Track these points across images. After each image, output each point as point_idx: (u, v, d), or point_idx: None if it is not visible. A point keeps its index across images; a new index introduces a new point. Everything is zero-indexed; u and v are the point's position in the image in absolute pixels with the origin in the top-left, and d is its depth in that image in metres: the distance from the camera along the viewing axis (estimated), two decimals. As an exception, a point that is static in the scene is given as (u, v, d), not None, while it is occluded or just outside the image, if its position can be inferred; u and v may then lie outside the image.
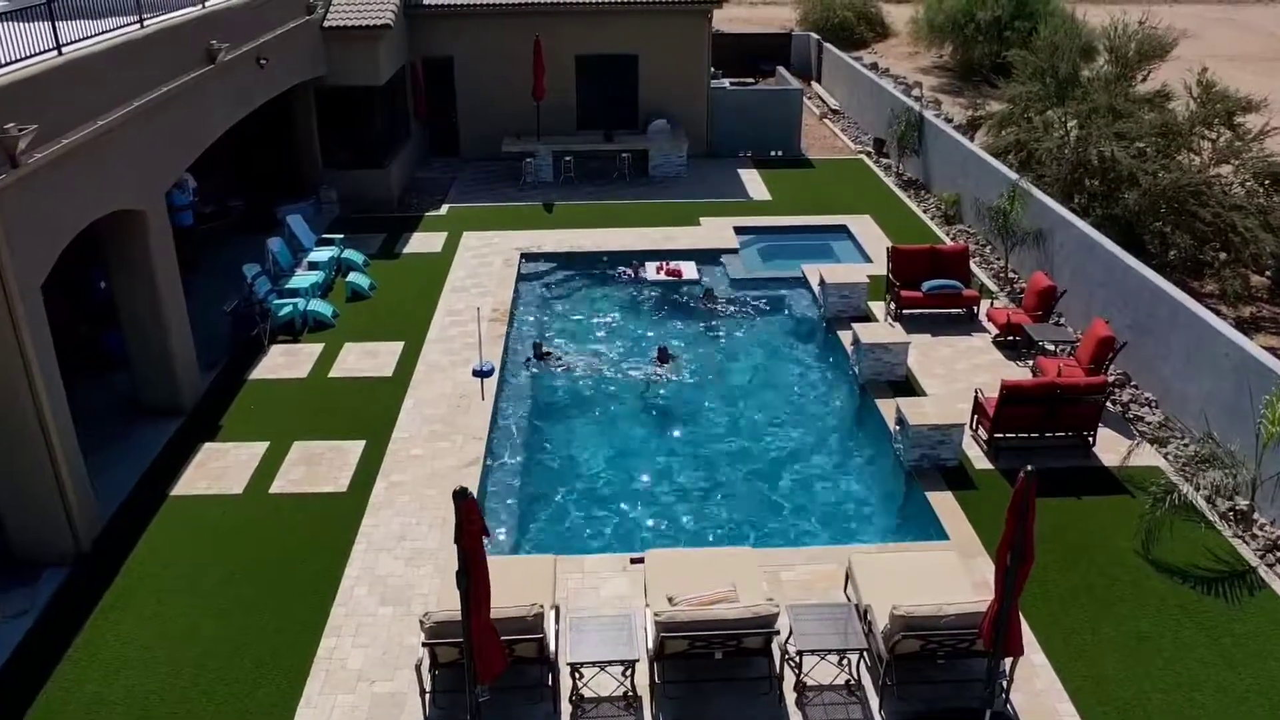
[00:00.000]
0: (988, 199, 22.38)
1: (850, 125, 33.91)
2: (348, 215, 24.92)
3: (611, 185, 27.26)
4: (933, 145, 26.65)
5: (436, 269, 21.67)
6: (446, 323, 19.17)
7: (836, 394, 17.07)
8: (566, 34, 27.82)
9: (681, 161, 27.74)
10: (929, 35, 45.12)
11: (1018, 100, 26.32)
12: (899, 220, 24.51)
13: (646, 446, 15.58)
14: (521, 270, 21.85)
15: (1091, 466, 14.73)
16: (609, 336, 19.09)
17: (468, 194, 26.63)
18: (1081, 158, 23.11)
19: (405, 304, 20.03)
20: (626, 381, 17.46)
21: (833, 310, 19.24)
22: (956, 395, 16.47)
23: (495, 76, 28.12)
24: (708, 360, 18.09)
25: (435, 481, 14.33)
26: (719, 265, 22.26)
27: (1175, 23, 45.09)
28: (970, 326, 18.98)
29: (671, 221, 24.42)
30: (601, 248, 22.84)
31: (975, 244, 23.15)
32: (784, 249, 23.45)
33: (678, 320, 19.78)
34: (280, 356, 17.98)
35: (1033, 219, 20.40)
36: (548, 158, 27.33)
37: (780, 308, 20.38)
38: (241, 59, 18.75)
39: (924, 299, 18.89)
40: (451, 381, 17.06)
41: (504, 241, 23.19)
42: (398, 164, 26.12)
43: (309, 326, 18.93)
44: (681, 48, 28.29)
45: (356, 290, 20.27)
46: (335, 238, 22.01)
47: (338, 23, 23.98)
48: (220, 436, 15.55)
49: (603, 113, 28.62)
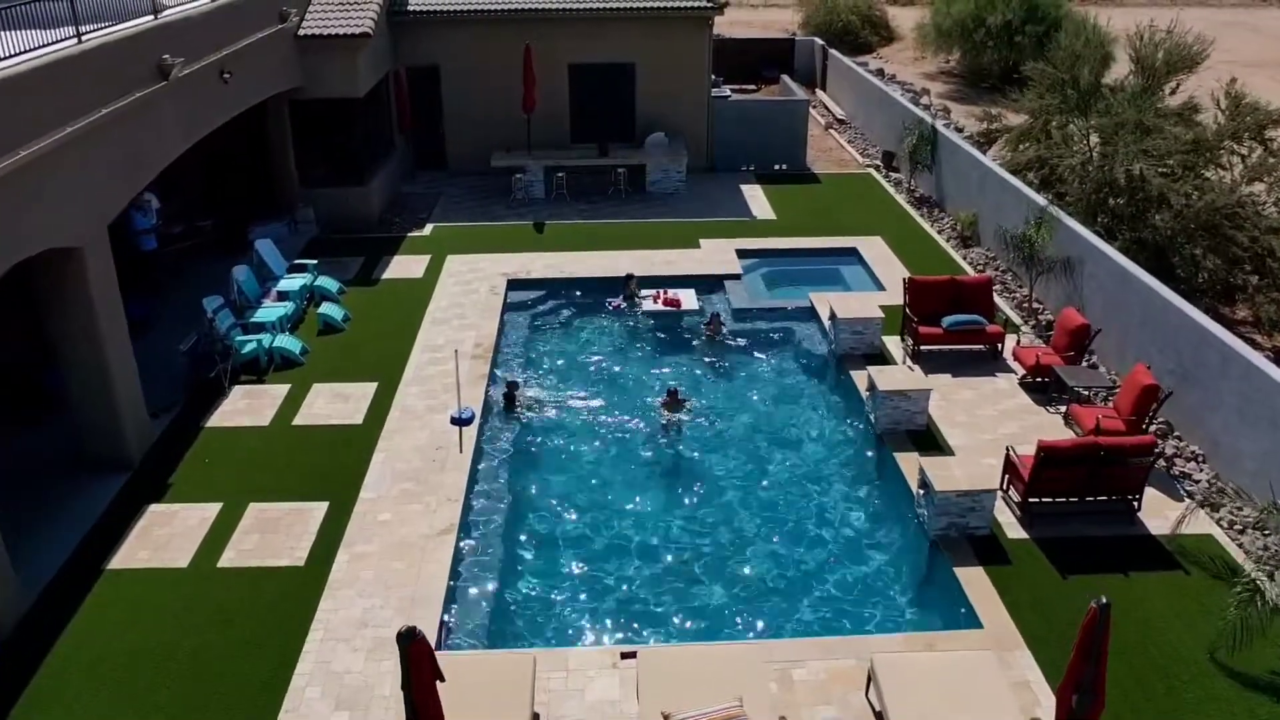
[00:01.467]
0: (1009, 222, 20.86)
1: (857, 136, 32.37)
2: (325, 236, 23.40)
3: (606, 202, 25.73)
4: (947, 160, 25.12)
5: (417, 297, 20.13)
6: (424, 360, 17.63)
7: (851, 446, 15.53)
8: (559, 42, 26.28)
9: (680, 177, 26.21)
10: (936, 40, 43.55)
11: (1037, 114, 24.78)
12: (912, 242, 22.98)
13: (644, 513, 13.99)
14: (508, 299, 20.31)
15: (1137, 535, 13.22)
16: (602, 376, 17.54)
17: (454, 212, 25.09)
18: (1107, 176, 21.57)
19: (381, 338, 18.49)
20: (626, 430, 15.90)
21: (844, 347, 17.72)
22: (983, 448, 14.96)
23: (484, 87, 26.58)
24: (711, 406, 16.52)
25: (403, 553, 12.79)
26: (720, 293, 20.72)
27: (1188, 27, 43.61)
28: (994, 366, 17.46)
29: (670, 243, 22.89)
30: (595, 273, 21.29)
31: (995, 269, 21.63)
32: (790, 274, 21.93)
33: (678, 357, 18.24)
34: (242, 400, 16.44)
35: (1060, 246, 18.87)
36: (539, 173, 25.79)
37: (787, 342, 18.84)
38: (201, 73, 17.19)
39: (944, 336, 17.36)
40: (428, 430, 15.53)
41: (490, 266, 21.64)
42: (379, 180, 24.59)
43: (275, 364, 17.40)
44: (681, 56, 26.75)
45: (329, 323, 18.73)
46: (308, 263, 20.46)
47: (314, 31, 22.44)
48: (169, 496, 14.01)
49: (597, 125, 27.06)
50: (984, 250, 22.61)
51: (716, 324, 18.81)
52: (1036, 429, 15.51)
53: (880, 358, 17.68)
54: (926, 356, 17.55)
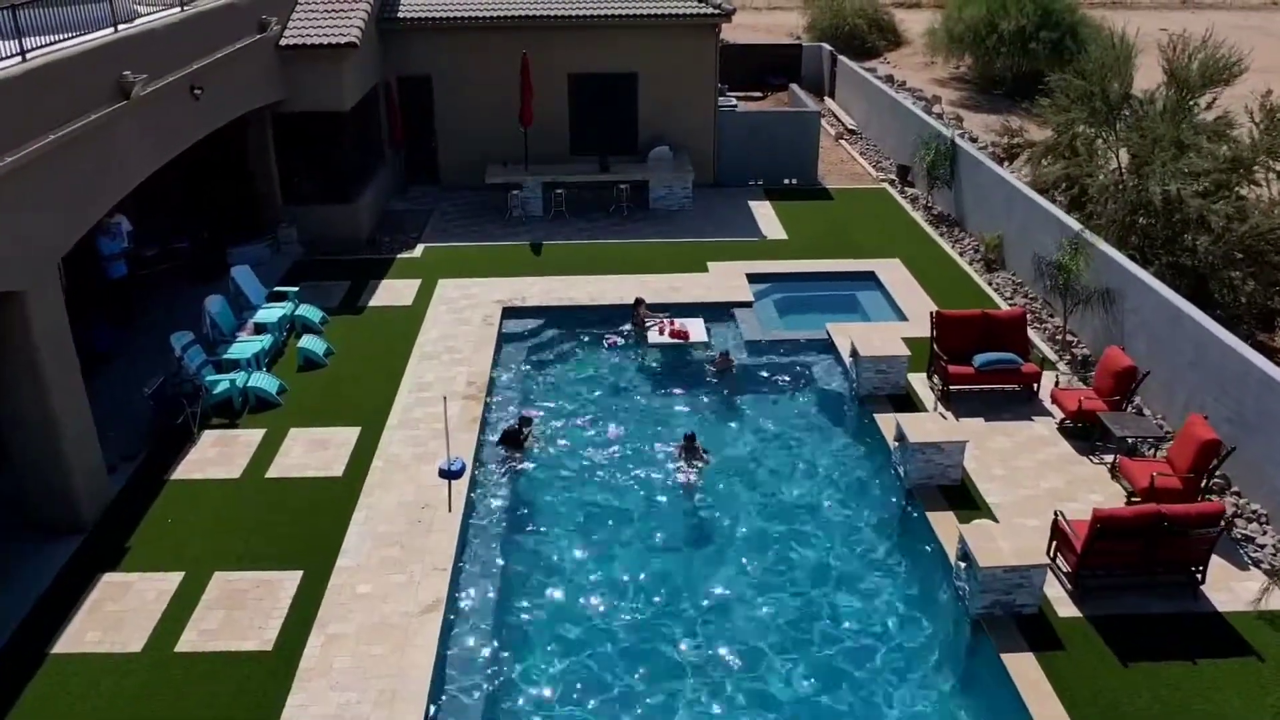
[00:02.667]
0: (1038, 246, 19.52)
1: (870, 148, 30.99)
2: (310, 257, 22.02)
3: (607, 220, 24.35)
4: (968, 177, 23.75)
5: (405, 328, 18.74)
6: (412, 401, 16.26)
7: (879, 505, 14.14)
8: (558, 50, 24.91)
9: (686, 193, 24.84)
10: (948, 46, 42.17)
11: (1063, 128, 23.40)
12: (933, 265, 21.62)
13: (659, 594, 12.55)
14: (503, 329, 18.94)
15: (1202, 612, 11.88)
16: (606, 420, 16.15)
17: (446, 230, 23.71)
18: (1142, 197, 20.20)
19: (366, 375, 17.11)
20: (636, 485, 14.52)
21: (867, 387, 16.36)
22: (1024, 505, 13.62)
23: (478, 98, 25.21)
24: (725, 457, 15.13)
25: (384, 635, 11.42)
26: (730, 322, 19.34)
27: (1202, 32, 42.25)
28: (1030, 408, 16.10)
29: (675, 266, 21.51)
30: (596, 300, 19.92)
31: (1023, 296, 20.26)
32: (804, 301, 20.57)
33: (688, 395, 16.86)
34: (211, 447, 15.06)
35: (1097, 276, 17.51)
36: (536, 189, 24.41)
37: (804, 379, 17.46)
38: (169, 90, 15.81)
39: (976, 376, 16.00)
40: (414, 484, 14.15)
41: (484, 292, 20.26)
42: (368, 198, 23.20)
43: (250, 406, 16.02)
44: (686, 65, 25.38)
45: (309, 358, 17.36)
46: (289, 291, 19.07)
47: (297, 41, 21.05)
48: (126, 563, 12.63)
49: (598, 138, 25.67)
50: (1010, 275, 21.25)
51: (726, 361, 17.43)
52: (1080, 483, 14.19)
53: (905, 398, 16.34)
54: (956, 397, 16.20)
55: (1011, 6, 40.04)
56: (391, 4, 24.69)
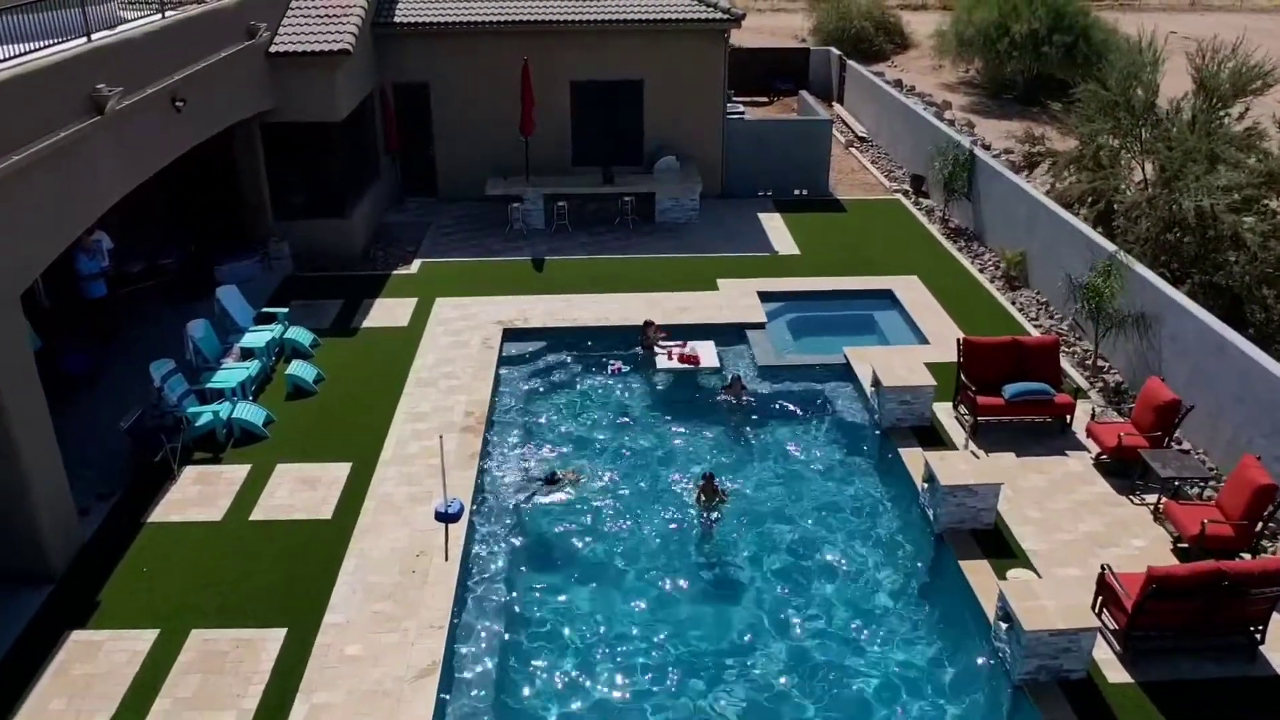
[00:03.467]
0: (1063, 264, 18.61)
1: (881, 156, 30.05)
2: (302, 273, 21.06)
3: (612, 234, 23.40)
4: (987, 190, 22.80)
5: (401, 351, 17.80)
6: (407, 434, 15.31)
7: (907, 552, 13.19)
8: (560, 56, 23.96)
9: (693, 206, 23.88)
10: (957, 49, 41.22)
11: (1088, 140, 22.47)
12: (952, 283, 20.67)
13: (673, 644, 11.67)
14: (504, 352, 17.99)
15: (1262, 676, 10.93)
16: (614, 454, 15.21)
17: (444, 244, 22.76)
18: (1174, 213, 19.27)
19: (358, 404, 16.17)
20: (647, 530, 13.57)
21: (890, 418, 15.42)
22: (1063, 553, 12.69)
23: (478, 106, 24.25)
24: (741, 497, 14.18)
25: (374, 704, 10.48)
26: (743, 345, 18.40)
27: (1217, 33, 41.31)
28: (1063, 441, 15.17)
29: (683, 283, 20.57)
30: (601, 321, 18.98)
31: (1048, 317, 19.33)
32: (819, 322, 19.65)
33: (700, 426, 15.91)
34: (193, 485, 14.11)
35: (1131, 298, 16.58)
36: (538, 201, 23.44)
37: (822, 409, 16.51)
38: (148, 102, 14.86)
39: (1006, 407, 15.06)
40: (408, 527, 13.20)
41: (484, 311, 19.31)
42: (362, 211, 22.25)
43: (235, 438, 15.07)
44: (694, 72, 24.43)
45: (299, 385, 16.40)
46: (278, 312, 18.10)
47: (287, 48, 20.10)
48: (96, 619, 11.69)
49: (602, 148, 24.73)
50: (1034, 294, 20.30)
51: (738, 388, 16.47)
52: (1121, 526, 13.26)
53: (931, 430, 15.40)
54: (984, 429, 15.26)
55: (1023, 9, 39.15)
56: (387, 8, 23.74)
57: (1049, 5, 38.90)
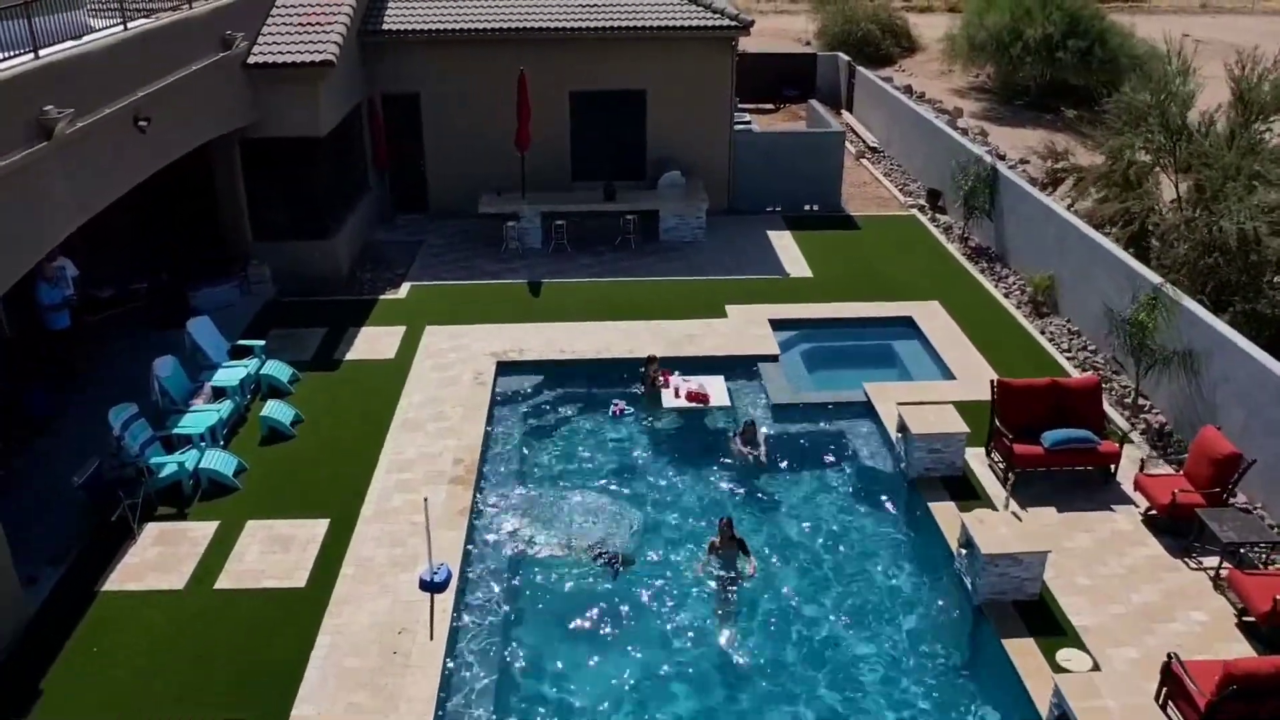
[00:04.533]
0: (1100, 290, 17.35)
1: (894, 168, 28.75)
2: (283, 297, 19.77)
3: (614, 254, 22.10)
4: (1011, 209, 21.50)
5: (386, 388, 16.51)
6: (390, 485, 14.01)
7: (943, 627, 11.89)
8: (559, 66, 22.66)
9: (699, 224, 22.59)
10: (969, 54, 39.94)
11: (1116, 155, 21.20)
12: (976, 309, 19.39)
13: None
14: (497, 388, 16.70)
15: (1355, 784, 9.64)
16: (619, 505, 13.91)
17: (435, 266, 21.46)
18: (1215, 238, 17.99)
19: (338, 450, 14.88)
20: (658, 593, 12.30)
21: (918, 468, 14.13)
22: (1117, 629, 11.42)
23: (472, 118, 22.96)
24: (757, 559, 12.89)
25: (347, 821, 9.18)
26: (755, 380, 17.11)
27: (1228, 37, 39.99)
28: (1108, 493, 13.90)
29: (690, 310, 19.28)
30: (602, 352, 17.69)
31: (1082, 349, 18.04)
32: (836, 353, 18.38)
33: (711, 474, 14.61)
34: (153, 547, 12.81)
35: (1178, 334, 15.30)
36: (535, 220, 22.14)
37: (842, 453, 15.22)
38: (108, 123, 13.55)
39: (1046, 456, 13.78)
40: (389, 597, 11.91)
41: (476, 342, 18.02)
42: (348, 231, 20.95)
43: (203, 489, 13.78)
44: (699, 82, 23.14)
45: (275, 428, 15.11)
46: (255, 345, 16.80)
47: (266, 59, 18.78)
48: (36, 712, 10.39)
49: (603, 162, 23.45)
50: (1064, 322, 19.02)
51: (751, 433, 15.07)
52: (1180, 596, 11.99)
53: (963, 480, 14.13)
54: (1021, 479, 13.98)
55: (1037, 13, 37.92)
56: (375, 15, 22.44)
57: (1064, 9, 37.67)
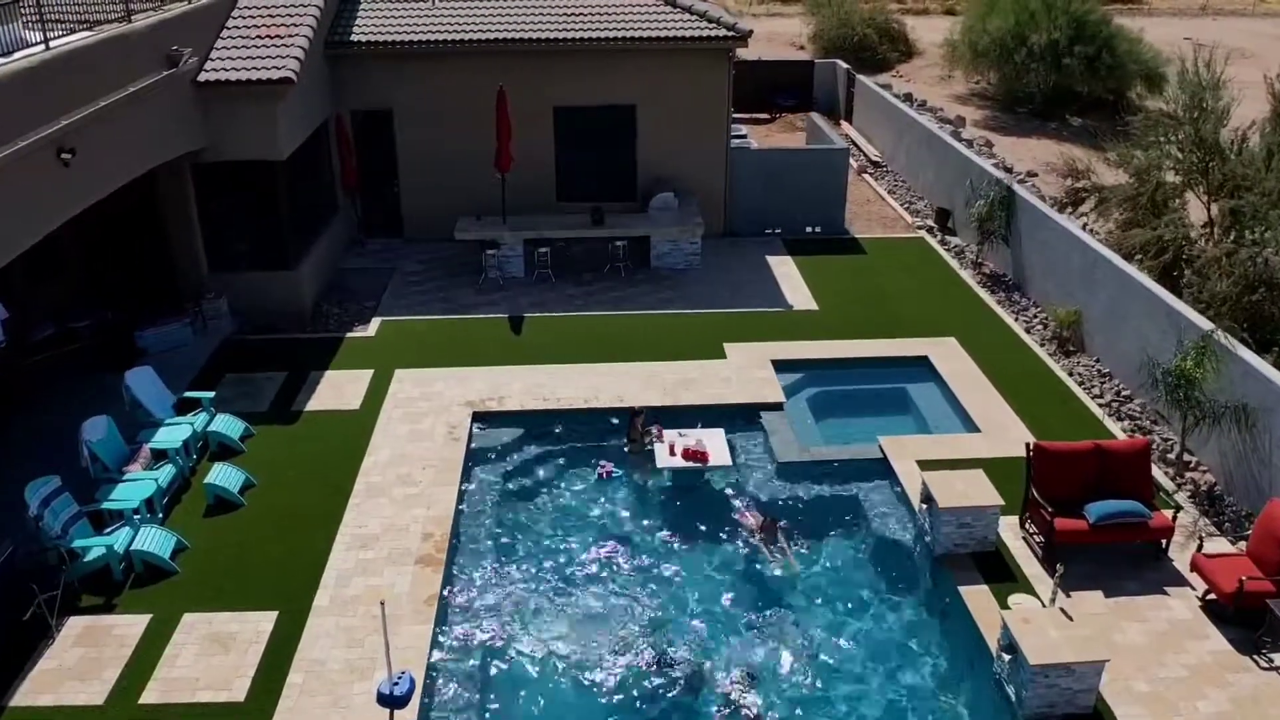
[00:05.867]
0: (1136, 330, 15.80)
1: (899, 184, 27.16)
2: (241, 334, 18.10)
3: (602, 283, 20.46)
4: (1030, 234, 19.92)
5: (349, 445, 14.85)
6: (350, 567, 12.35)
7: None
8: (543, 80, 21.02)
9: (694, 250, 20.96)
10: (971, 60, 38.38)
11: (1144, 175, 19.65)
12: (996, 348, 17.82)
13: None
14: (473, 443, 15.07)
15: None
16: (612, 593, 12.28)
17: (408, 297, 19.79)
18: (1260, 271, 16.44)
19: (293, 522, 13.21)
20: (658, 702, 10.69)
21: (946, 544, 12.54)
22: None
23: (449, 136, 21.30)
24: (764, 669, 11.27)
25: None
26: (758, 431, 15.51)
27: (1231, 40, 38.54)
28: (1159, 573, 12.34)
29: (685, 349, 17.67)
30: (590, 401, 16.06)
31: (1113, 393, 16.47)
32: (846, 399, 16.82)
33: (711, 558, 12.95)
34: (73, 649, 11.13)
35: (1230, 385, 13.74)
36: (517, 246, 20.48)
37: (858, 522, 13.62)
38: (23, 158, 11.85)
39: (1091, 533, 12.20)
40: (341, 714, 10.26)
41: (450, 388, 16.38)
42: (312, 262, 19.27)
43: (136, 574, 12.11)
44: (693, 96, 21.52)
45: (222, 496, 13.43)
46: (203, 397, 15.12)
47: (219, 76, 17.09)
48: None
49: (590, 183, 21.82)
50: (1092, 362, 17.44)
51: (770, 526, 13.26)
52: (1252, 704, 10.45)
53: (996, 557, 12.54)
54: (1062, 557, 12.38)
55: (1042, 18, 36.38)
56: (343, 25, 20.75)
57: (1070, 14, 36.16)
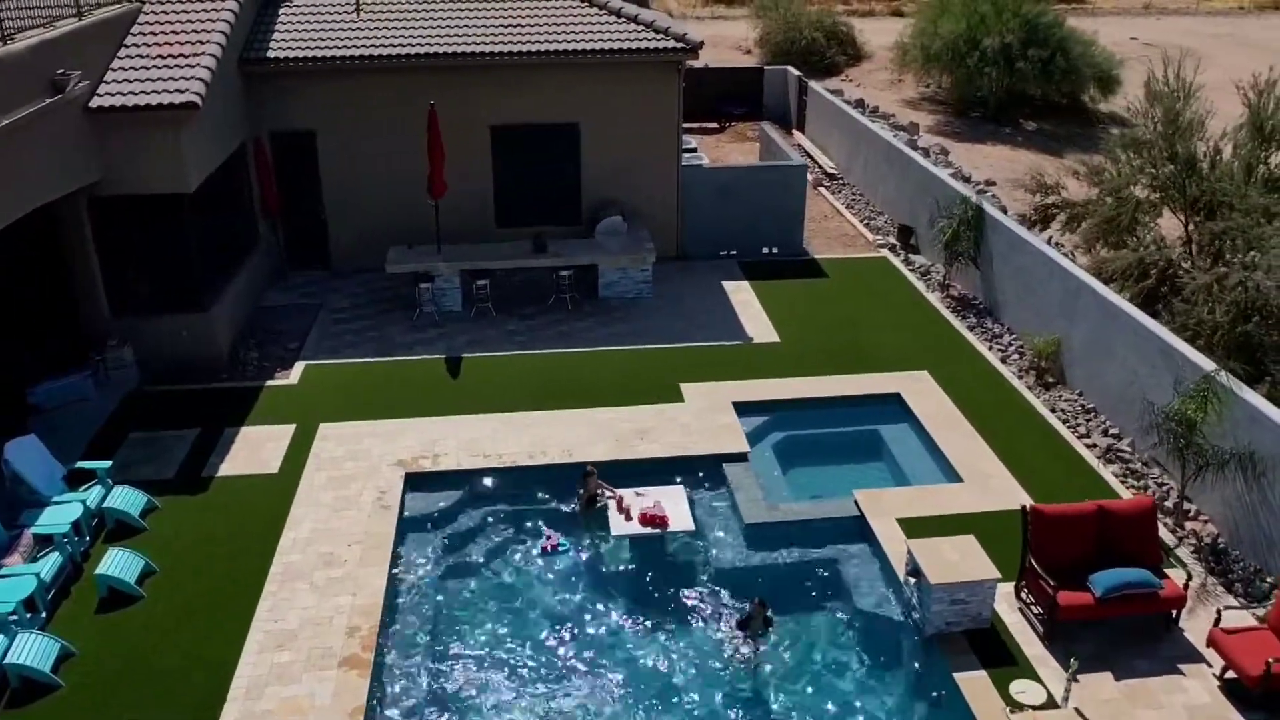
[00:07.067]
0: (1122, 361, 14.68)
1: (857, 198, 25.95)
2: (149, 385, 16.36)
3: (546, 316, 18.96)
4: (1004, 257, 18.75)
5: (266, 516, 13.23)
6: (264, 673, 10.76)
7: None
8: (478, 98, 19.49)
9: (645, 277, 19.54)
10: (923, 64, 37.41)
11: (1122, 194, 18.59)
12: (972, 381, 16.63)
13: None
14: (406, 510, 13.52)
15: None
16: (558, 692, 10.81)
17: (335, 337, 18.14)
18: (1254, 298, 15.39)
19: (198, 615, 11.58)
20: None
21: (938, 622, 11.25)
22: None
23: (377, 159, 19.70)
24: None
25: None
26: (721, 487, 14.14)
27: (1176, 40, 37.99)
28: (1171, 646, 11.16)
29: (639, 391, 16.25)
30: (537, 457, 14.58)
31: (1101, 430, 15.33)
32: (814, 444, 15.52)
33: (679, 646, 11.53)
34: (-72, 792, 9.45)
35: (1233, 429, 12.61)
36: (454, 278, 18.91)
37: (835, 595, 12.28)
38: None
39: (1098, 607, 10.97)
40: None
41: (380, 445, 14.81)
42: (229, 300, 17.57)
43: (12, 691, 10.42)
44: (642, 113, 20.12)
45: (117, 589, 11.75)
46: (99, 467, 13.41)
47: (114, 101, 15.34)
48: None
49: (532, 207, 20.32)
50: (1075, 395, 16.30)
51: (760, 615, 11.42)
52: (1292, 810, 9.21)
53: (992, 635, 11.26)
54: (1065, 632, 11.16)
55: (993, 21, 35.51)
56: (258, 41, 19.04)
57: (1022, 17, 35.35)
